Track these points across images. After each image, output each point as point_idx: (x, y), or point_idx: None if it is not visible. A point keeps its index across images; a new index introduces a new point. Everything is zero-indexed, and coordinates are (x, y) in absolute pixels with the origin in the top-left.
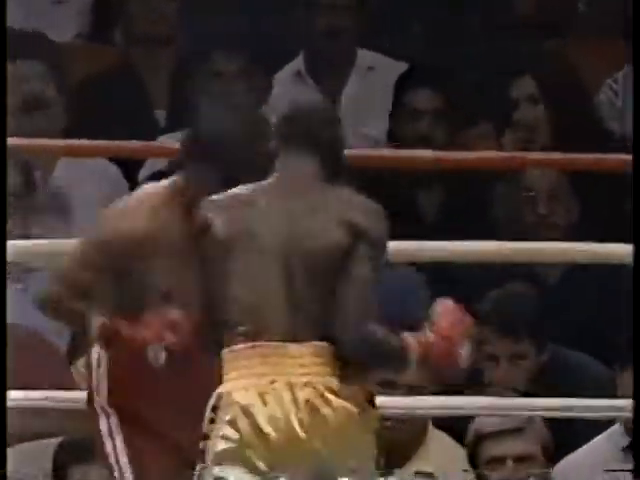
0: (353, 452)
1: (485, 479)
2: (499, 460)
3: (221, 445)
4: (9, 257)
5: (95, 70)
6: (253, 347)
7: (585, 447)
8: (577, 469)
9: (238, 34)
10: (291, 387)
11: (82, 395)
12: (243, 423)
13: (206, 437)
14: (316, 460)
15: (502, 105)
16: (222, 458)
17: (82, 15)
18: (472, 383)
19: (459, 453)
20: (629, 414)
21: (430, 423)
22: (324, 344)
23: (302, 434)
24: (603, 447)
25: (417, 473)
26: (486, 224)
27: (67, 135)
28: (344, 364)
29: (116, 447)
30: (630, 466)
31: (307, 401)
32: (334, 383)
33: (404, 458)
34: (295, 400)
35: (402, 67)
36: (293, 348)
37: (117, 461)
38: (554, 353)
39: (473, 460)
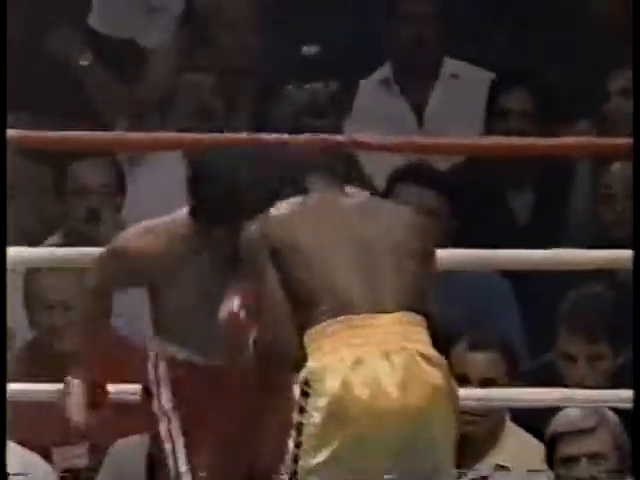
0: (441, 421)
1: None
2: (574, 459)
3: (317, 417)
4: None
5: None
6: (341, 321)
7: None
8: None
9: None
10: (387, 354)
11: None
12: (341, 391)
13: (301, 410)
14: (409, 423)
15: (598, 102)
16: (319, 432)
17: (171, 25)
18: (551, 383)
19: (536, 449)
20: None
21: (508, 418)
22: (413, 314)
23: (397, 394)
24: None
25: (496, 466)
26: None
27: None
28: (431, 334)
29: (176, 450)
30: None
31: (404, 365)
32: (428, 350)
33: (483, 451)
34: (392, 364)
35: (485, 74)
36: (383, 318)
37: (176, 465)
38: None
39: (550, 458)
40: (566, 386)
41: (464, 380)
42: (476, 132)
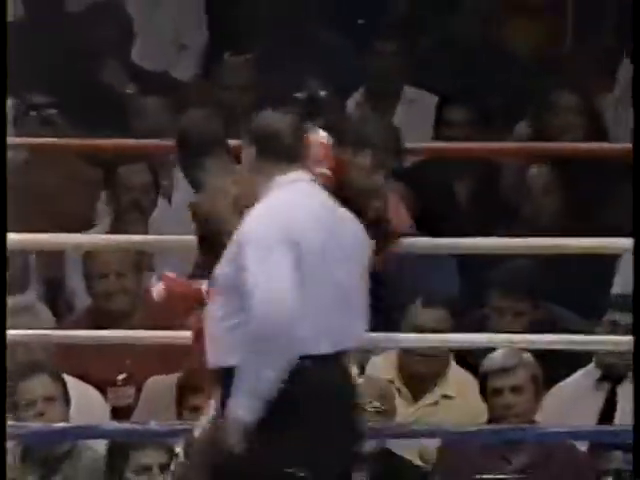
0: None
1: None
2: (500, 391)
3: None
4: None
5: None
6: None
7: (567, 380)
8: (560, 398)
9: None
10: None
11: None
12: None
13: None
14: None
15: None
16: None
17: (200, 59)
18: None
19: (472, 383)
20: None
21: (451, 359)
22: None
23: None
24: (581, 380)
25: (442, 396)
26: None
27: None
28: None
29: None
30: (601, 398)
31: None
32: None
33: (432, 384)
34: None
35: (432, 97)
36: None
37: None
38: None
39: (483, 389)
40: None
41: (419, 329)
42: (428, 139)
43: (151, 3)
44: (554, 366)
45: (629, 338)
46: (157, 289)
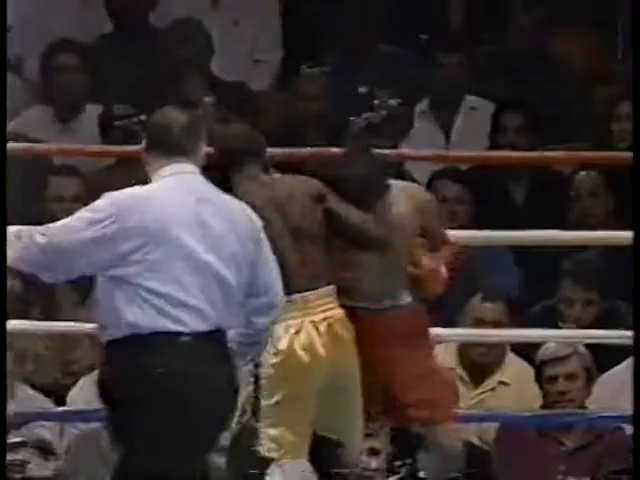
0: (351, 367)
1: None
2: (554, 378)
3: (269, 371)
4: None
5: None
6: (288, 302)
7: (615, 368)
8: (608, 386)
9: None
10: (315, 324)
11: None
12: (289, 349)
13: (257, 364)
14: (331, 370)
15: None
16: (272, 382)
17: (274, 71)
18: (552, 322)
19: (528, 371)
20: None
21: (509, 349)
22: (327, 287)
23: (324, 354)
24: (627, 369)
25: (499, 382)
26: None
27: None
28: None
29: None
30: None
31: (326, 331)
32: (339, 315)
33: (490, 371)
34: (319, 332)
35: (490, 104)
36: (312, 295)
37: None
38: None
39: (538, 377)
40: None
41: (479, 322)
42: (484, 145)
43: (230, 22)
44: (604, 355)
45: None
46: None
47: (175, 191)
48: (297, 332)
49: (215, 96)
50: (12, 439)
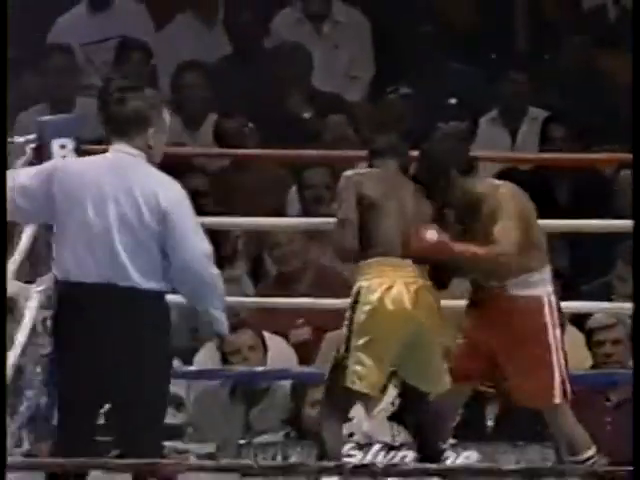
0: (432, 329)
1: None
2: (602, 343)
3: (362, 317)
4: None
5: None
6: (383, 260)
7: None
8: None
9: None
10: (406, 284)
11: None
12: (380, 300)
13: (353, 310)
14: (414, 326)
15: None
16: (363, 325)
17: (367, 84)
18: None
19: (580, 337)
20: None
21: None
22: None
23: (410, 308)
24: None
25: None
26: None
27: None
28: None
29: None
30: None
31: (415, 291)
32: (428, 284)
33: None
34: (408, 290)
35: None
36: (406, 261)
37: None
38: None
39: (588, 342)
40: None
41: None
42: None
43: (331, 46)
44: None
45: None
46: (431, 233)
47: (92, 165)
48: (389, 288)
49: (315, 105)
50: None
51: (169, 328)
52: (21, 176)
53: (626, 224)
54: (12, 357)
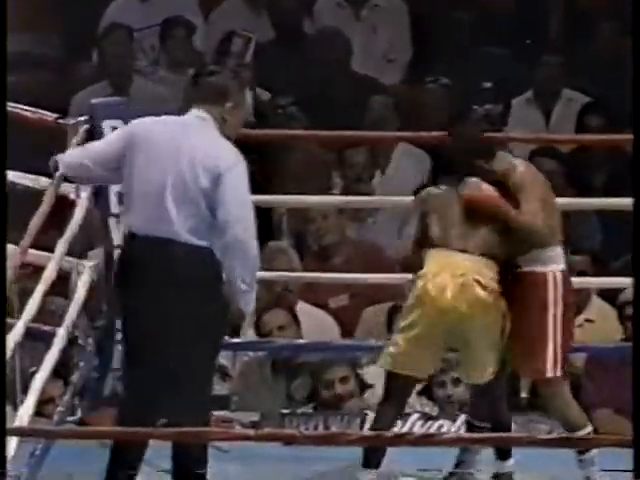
0: (478, 323)
1: None
2: (631, 317)
3: (408, 303)
4: None
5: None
6: (437, 252)
7: None
8: None
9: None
10: (453, 275)
11: None
12: (424, 287)
13: (410, 288)
14: (454, 316)
15: None
16: (406, 311)
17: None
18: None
19: (610, 311)
20: None
21: (594, 293)
22: (480, 258)
23: (450, 298)
24: None
25: (585, 320)
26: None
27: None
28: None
29: None
30: None
31: (461, 283)
32: (482, 278)
33: (578, 311)
34: (455, 282)
35: (584, 98)
36: (459, 255)
37: None
38: None
39: (620, 316)
40: None
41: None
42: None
43: (369, 29)
44: None
45: None
46: (487, 186)
47: (163, 124)
48: (435, 276)
49: (352, 88)
50: None
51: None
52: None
53: None
54: (64, 329)
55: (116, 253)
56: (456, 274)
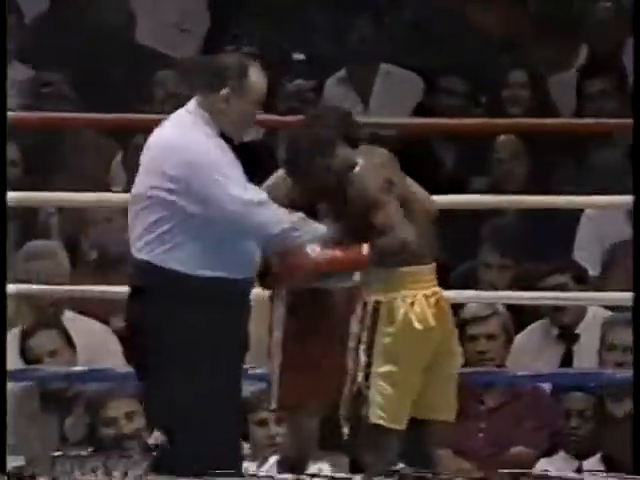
0: (453, 335)
1: None
2: (475, 337)
3: (385, 339)
4: None
5: None
6: (404, 271)
7: (524, 332)
8: (521, 348)
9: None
10: (427, 297)
11: None
12: (401, 321)
13: (372, 331)
14: (441, 338)
15: None
16: (387, 350)
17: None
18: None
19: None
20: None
21: None
22: (433, 264)
23: (435, 325)
24: (537, 334)
25: None
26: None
27: None
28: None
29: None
30: (561, 349)
31: (435, 304)
32: (440, 291)
33: None
34: (430, 304)
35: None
36: (425, 269)
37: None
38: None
39: (460, 336)
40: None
41: None
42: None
43: None
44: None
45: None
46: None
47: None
48: (412, 304)
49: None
50: None
51: None
52: None
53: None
54: None
55: None
56: (428, 294)
